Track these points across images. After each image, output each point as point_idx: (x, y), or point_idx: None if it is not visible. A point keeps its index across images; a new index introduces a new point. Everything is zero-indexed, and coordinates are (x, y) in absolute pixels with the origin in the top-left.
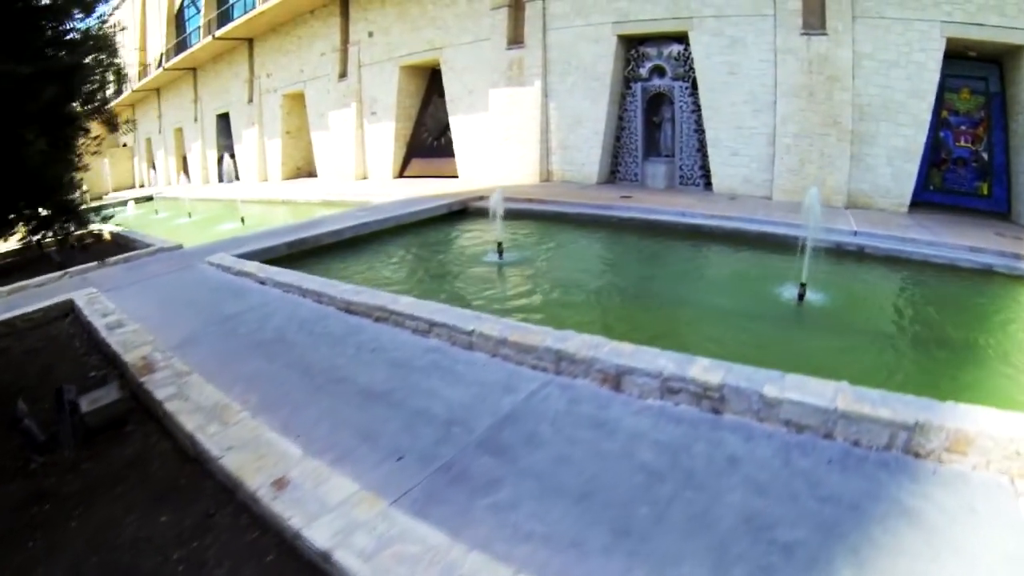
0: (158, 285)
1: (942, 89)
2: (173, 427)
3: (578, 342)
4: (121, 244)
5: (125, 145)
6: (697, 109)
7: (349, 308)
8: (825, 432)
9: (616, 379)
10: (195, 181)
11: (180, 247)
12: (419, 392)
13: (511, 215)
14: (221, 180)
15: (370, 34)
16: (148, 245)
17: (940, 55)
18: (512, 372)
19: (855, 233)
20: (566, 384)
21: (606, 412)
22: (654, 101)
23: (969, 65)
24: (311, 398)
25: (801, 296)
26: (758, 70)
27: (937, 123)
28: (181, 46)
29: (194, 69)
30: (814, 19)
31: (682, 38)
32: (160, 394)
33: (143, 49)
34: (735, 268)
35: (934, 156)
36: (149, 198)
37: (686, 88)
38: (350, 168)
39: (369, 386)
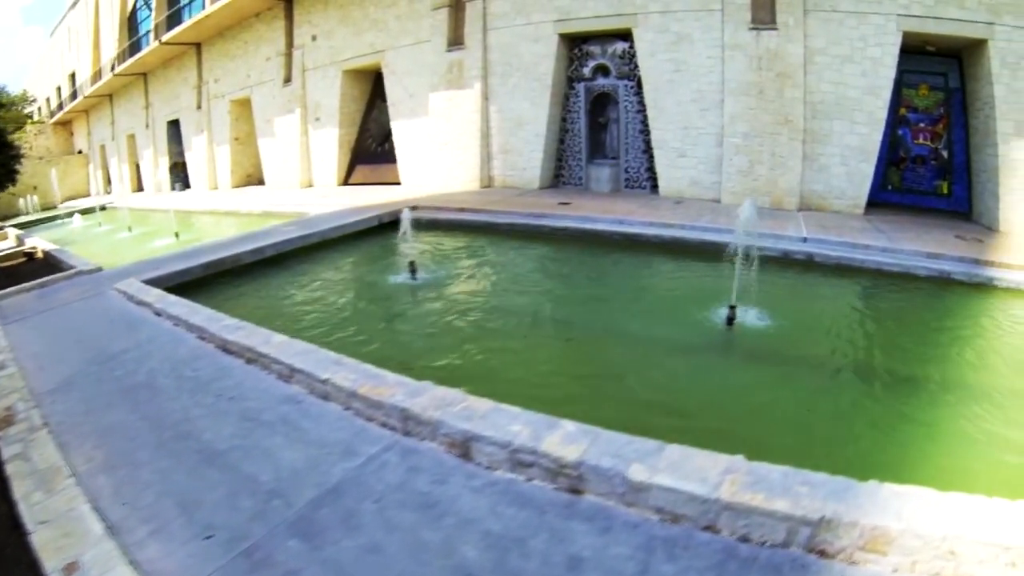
0: (62, 315)
1: (900, 85)
2: (7, 491)
3: (428, 399)
4: (52, 264)
5: (80, 152)
6: (643, 109)
7: (226, 347)
8: (706, 523)
9: (464, 445)
10: (148, 189)
11: (99, 270)
12: (257, 453)
13: (441, 226)
14: (173, 188)
15: (313, 38)
16: (71, 267)
17: (896, 50)
18: (359, 431)
19: (804, 240)
20: (410, 448)
21: (443, 488)
22: (599, 101)
23: (928, 60)
24: (152, 457)
25: (730, 320)
26: (705, 67)
27: (895, 120)
28: (135, 48)
29: (145, 74)
30: (764, 13)
31: (627, 36)
32: (6, 453)
33: (96, 49)
34: (668, 285)
35: (892, 155)
36: (102, 208)
37: (631, 87)
38: (295, 176)
39: (211, 444)
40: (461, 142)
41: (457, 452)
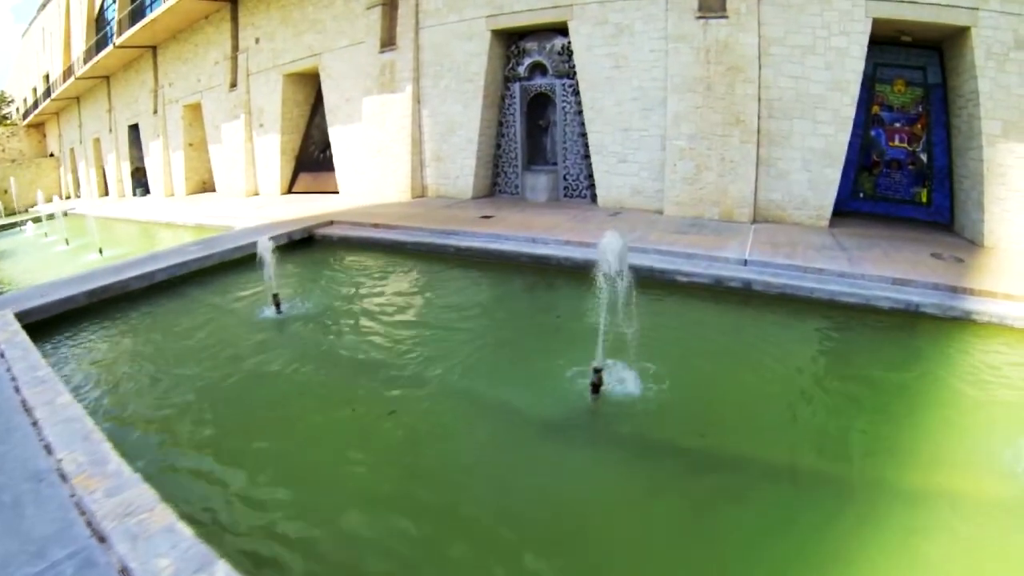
0: None
1: (872, 81)
2: None
3: (116, 503)
4: None
5: (52, 155)
6: (583, 110)
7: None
8: None
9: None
10: (112, 194)
11: None
12: None
13: (351, 245)
14: (135, 194)
15: (256, 40)
16: None
17: (865, 39)
18: (67, 527)
19: (745, 263)
20: (91, 561)
21: None
22: (538, 103)
23: (904, 52)
24: None
25: (595, 387)
26: (648, 62)
27: (867, 120)
28: (101, 48)
29: (107, 77)
30: (713, 0)
31: (566, 30)
32: None
33: (68, 50)
34: (554, 325)
35: (864, 158)
36: (64, 214)
37: (570, 86)
38: (241, 184)
39: None
40: (393, 150)
41: None
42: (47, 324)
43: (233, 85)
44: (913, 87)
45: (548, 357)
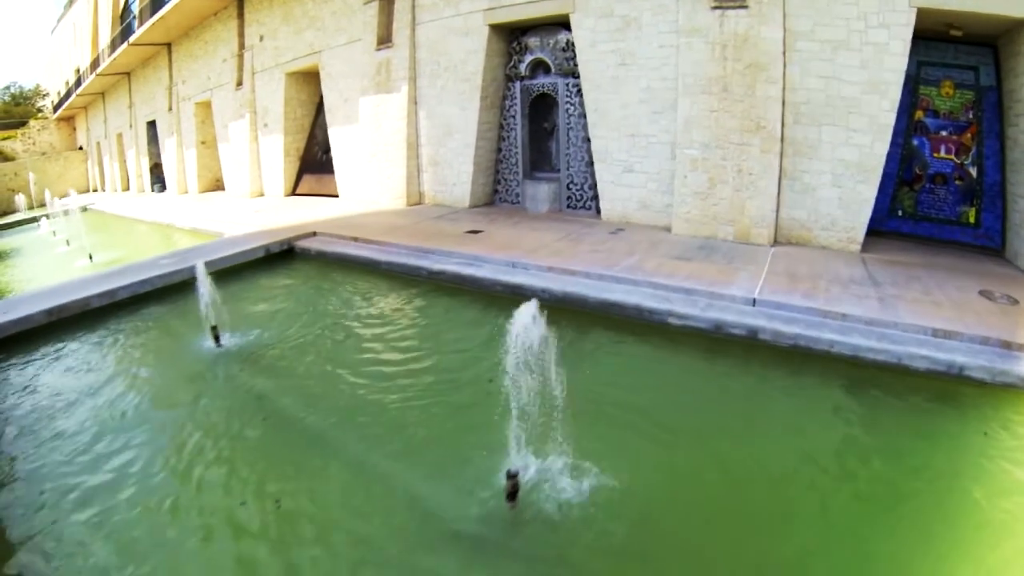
0: None
1: (915, 82)
2: None
3: None
4: None
5: (81, 148)
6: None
7: None
8: None
9: None
10: (133, 189)
11: None
12: None
13: (327, 261)
14: (153, 189)
15: (261, 38)
16: None
17: (909, 32)
18: None
19: (753, 302)
20: None
21: None
22: (542, 104)
23: (953, 49)
24: None
25: (511, 495)
26: (658, 59)
27: (908, 127)
28: (124, 40)
29: (128, 74)
30: None
31: (570, 24)
32: None
33: (95, 44)
34: (487, 391)
35: (905, 171)
36: (83, 209)
37: (574, 86)
38: (247, 185)
39: None
40: (388, 154)
41: None
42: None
43: (239, 84)
44: (963, 90)
45: (476, 439)
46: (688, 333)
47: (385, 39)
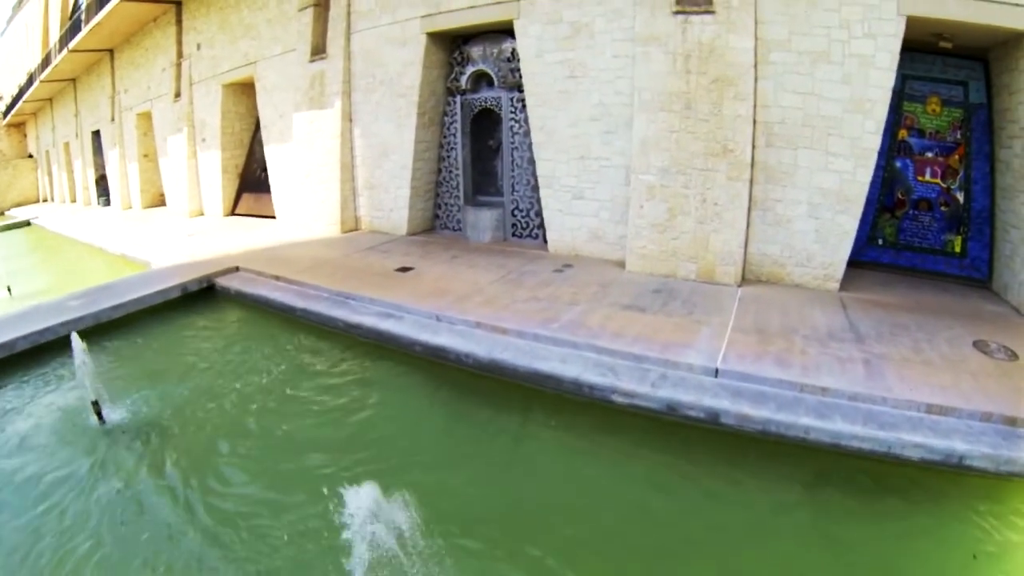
0: None
1: (899, 97)
2: None
3: None
4: None
5: (31, 156)
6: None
7: None
8: None
9: None
10: (79, 201)
11: None
12: None
13: (245, 305)
14: (99, 202)
15: (198, 46)
16: None
17: (897, 44)
18: None
19: (716, 372)
20: None
21: None
22: (485, 120)
23: (941, 62)
24: None
25: None
26: (612, 71)
27: (891, 147)
28: (69, 41)
29: (74, 80)
30: None
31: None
32: None
33: (45, 47)
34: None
35: (887, 196)
36: (26, 224)
37: (519, 101)
38: (185, 202)
39: None
40: (322, 174)
41: None
42: None
43: (177, 95)
44: (951, 107)
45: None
46: (637, 415)
47: (319, 49)
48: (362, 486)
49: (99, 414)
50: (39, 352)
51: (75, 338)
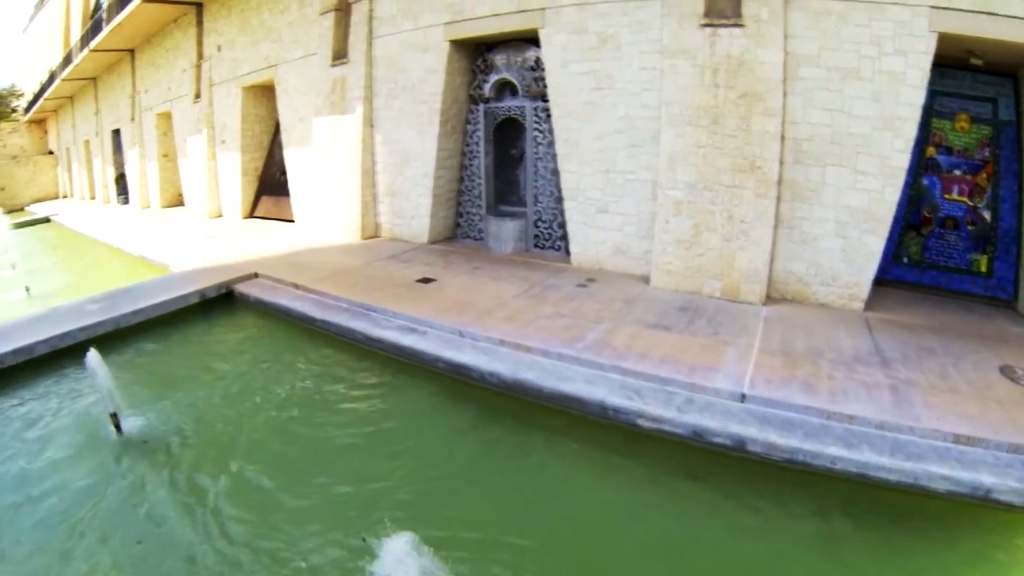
0: None
1: (929, 114)
2: None
3: None
4: None
5: (51, 152)
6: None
7: None
8: None
9: None
10: (99, 199)
11: None
12: None
13: (265, 314)
14: (119, 200)
15: (219, 48)
16: None
17: (928, 61)
18: None
19: (743, 397)
20: None
21: None
22: (508, 128)
23: (970, 78)
24: None
25: None
26: (639, 83)
27: (919, 164)
28: (90, 41)
29: (95, 79)
30: (724, 2)
31: (539, 40)
32: None
33: (67, 45)
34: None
35: (913, 213)
36: (46, 220)
37: (543, 110)
38: (204, 203)
39: None
40: (343, 180)
41: None
42: None
43: (197, 96)
44: (979, 124)
45: None
46: (663, 440)
47: (341, 54)
48: (392, 534)
49: (117, 426)
50: (59, 356)
51: (92, 354)
